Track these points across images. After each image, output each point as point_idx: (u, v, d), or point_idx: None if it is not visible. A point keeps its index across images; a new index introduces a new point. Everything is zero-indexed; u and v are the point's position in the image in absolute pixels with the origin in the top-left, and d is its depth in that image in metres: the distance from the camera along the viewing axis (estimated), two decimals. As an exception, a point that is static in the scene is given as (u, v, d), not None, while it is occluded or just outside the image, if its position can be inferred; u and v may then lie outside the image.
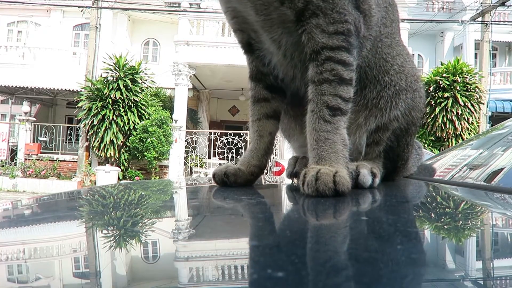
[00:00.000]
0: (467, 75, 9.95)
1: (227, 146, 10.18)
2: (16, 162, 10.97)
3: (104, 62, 9.93)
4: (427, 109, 9.34)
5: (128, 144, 10.03)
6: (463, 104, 9.70)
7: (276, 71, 0.91)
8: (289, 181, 1.03)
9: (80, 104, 10.14)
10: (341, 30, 0.77)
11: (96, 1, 10.73)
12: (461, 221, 0.54)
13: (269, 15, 0.80)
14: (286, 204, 0.76)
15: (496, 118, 11.51)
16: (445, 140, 9.78)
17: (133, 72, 10.00)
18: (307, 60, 0.78)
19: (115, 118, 9.83)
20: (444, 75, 9.77)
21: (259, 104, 0.91)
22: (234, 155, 9.94)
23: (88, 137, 10.36)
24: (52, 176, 10.56)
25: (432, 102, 9.54)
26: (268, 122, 0.90)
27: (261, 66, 0.92)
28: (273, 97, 0.92)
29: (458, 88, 9.72)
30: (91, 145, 10.27)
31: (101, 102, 9.83)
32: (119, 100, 9.78)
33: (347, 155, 0.74)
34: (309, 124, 0.75)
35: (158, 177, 10.25)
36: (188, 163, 10.75)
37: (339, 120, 0.75)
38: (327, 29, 0.76)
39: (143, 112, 10.11)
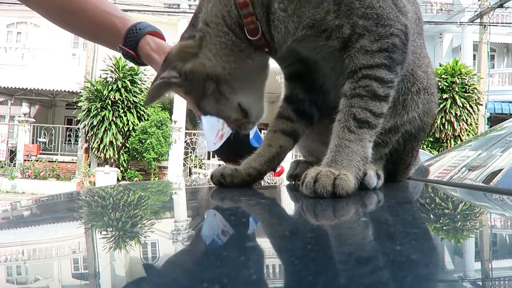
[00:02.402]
0: (466, 76, 9.97)
1: (227, 147, 10.17)
2: (15, 163, 10.96)
3: (104, 62, 9.93)
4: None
5: (128, 145, 10.02)
6: (461, 105, 9.72)
7: (323, 96, 0.90)
8: (288, 183, 1.03)
9: (79, 105, 10.13)
10: (385, 47, 0.74)
11: (96, 2, 10.72)
12: (460, 222, 0.54)
13: (320, 52, 0.80)
14: (285, 205, 0.76)
15: (495, 119, 11.53)
16: (444, 141, 9.80)
17: (133, 73, 9.99)
18: (344, 78, 0.77)
19: (114, 119, 9.83)
20: (442, 76, 9.79)
21: (281, 120, 0.90)
22: (233, 156, 9.93)
23: (87, 138, 10.35)
24: (51, 177, 10.54)
25: (431, 103, 9.57)
26: (283, 137, 0.89)
27: (301, 92, 0.91)
28: (298, 121, 0.91)
29: (456, 89, 9.74)
30: (90, 146, 10.26)
31: (101, 103, 9.83)
32: (119, 101, 9.78)
33: (361, 167, 0.72)
34: (333, 132, 0.74)
35: (157, 178, 10.24)
36: (187, 164, 10.75)
37: (365, 132, 0.73)
38: (370, 48, 0.74)
39: (142, 113, 10.11)
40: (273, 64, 0.92)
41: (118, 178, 9.81)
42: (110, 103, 9.74)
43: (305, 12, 0.74)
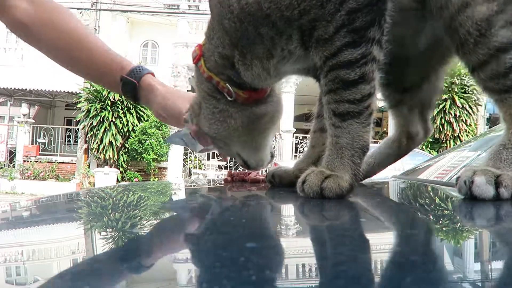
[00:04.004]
0: (465, 77, 9.97)
1: (226, 148, 10.17)
2: (14, 164, 10.95)
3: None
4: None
5: (127, 146, 10.02)
6: (461, 106, 9.73)
7: None
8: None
9: (79, 105, 10.14)
10: (340, 23, 0.63)
11: (95, 3, 10.75)
12: (459, 223, 0.54)
13: (306, 65, 0.77)
14: (285, 205, 0.76)
15: (494, 120, 11.54)
16: (443, 141, 9.80)
17: (132, 73, 9.98)
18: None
19: (114, 120, 9.83)
20: (442, 77, 9.77)
21: (318, 119, 0.88)
22: (233, 156, 9.93)
23: (87, 138, 10.35)
24: (50, 178, 10.54)
25: (431, 104, 9.59)
26: (323, 134, 0.84)
27: None
28: None
29: (456, 90, 9.75)
30: (89, 146, 10.26)
31: (100, 104, 9.83)
32: (118, 102, 9.78)
33: (357, 160, 0.67)
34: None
35: (157, 178, 10.24)
36: (187, 164, 10.75)
37: (351, 123, 0.67)
38: (327, 34, 0.65)
39: (142, 113, 10.11)
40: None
41: (117, 179, 9.80)
42: (109, 103, 9.74)
43: (259, 51, 0.73)
